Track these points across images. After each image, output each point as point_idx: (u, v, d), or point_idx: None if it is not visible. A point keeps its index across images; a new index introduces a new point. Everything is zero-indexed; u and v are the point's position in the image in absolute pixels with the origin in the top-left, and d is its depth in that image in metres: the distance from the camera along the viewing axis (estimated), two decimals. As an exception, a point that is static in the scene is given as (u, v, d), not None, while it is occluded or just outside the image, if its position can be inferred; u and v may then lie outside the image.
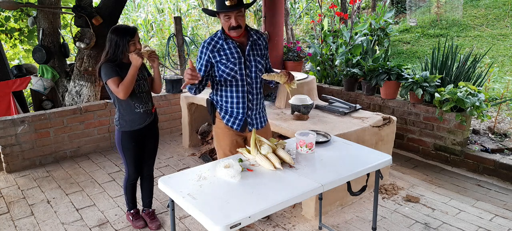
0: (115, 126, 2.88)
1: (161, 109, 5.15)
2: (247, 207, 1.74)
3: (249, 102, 2.60)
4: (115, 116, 2.87)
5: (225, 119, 2.63)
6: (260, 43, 2.60)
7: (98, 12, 5.03)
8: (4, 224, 3.14)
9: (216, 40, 2.51)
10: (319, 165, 2.23)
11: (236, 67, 2.49)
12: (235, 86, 2.54)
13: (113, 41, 2.68)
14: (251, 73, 2.55)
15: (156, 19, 11.27)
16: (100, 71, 2.71)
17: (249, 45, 2.53)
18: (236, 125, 2.62)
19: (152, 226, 3.03)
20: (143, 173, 3.06)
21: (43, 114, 4.31)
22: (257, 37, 2.59)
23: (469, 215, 3.10)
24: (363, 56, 5.37)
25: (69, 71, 5.93)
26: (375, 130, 3.41)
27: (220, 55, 2.49)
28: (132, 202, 3.08)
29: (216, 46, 2.50)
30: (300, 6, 11.62)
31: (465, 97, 3.74)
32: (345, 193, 2.73)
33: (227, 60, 2.48)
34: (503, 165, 3.69)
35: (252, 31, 2.58)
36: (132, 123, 2.81)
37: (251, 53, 2.54)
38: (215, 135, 2.76)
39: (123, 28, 2.73)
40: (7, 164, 4.15)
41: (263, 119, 2.75)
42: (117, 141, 2.87)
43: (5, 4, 5.28)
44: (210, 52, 2.49)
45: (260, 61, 2.58)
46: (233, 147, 2.63)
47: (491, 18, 8.63)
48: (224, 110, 2.62)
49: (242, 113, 2.60)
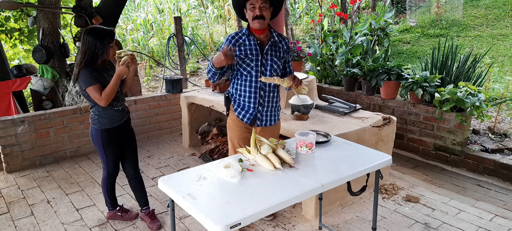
0: (92, 125, 2.84)
1: (161, 109, 5.15)
2: (247, 207, 1.74)
3: (261, 98, 2.71)
4: (91, 115, 2.84)
5: (237, 111, 2.75)
6: (280, 46, 2.72)
7: (98, 12, 5.03)
8: (4, 224, 3.14)
9: (240, 35, 2.65)
10: (319, 165, 2.23)
11: (253, 64, 2.62)
12: (249, 81, 2.66)
13: (92, 44, 2.65)
14: (266, 71, 2.66)
15: (156, 19, 11.26)
16: (78, 77, 2.67)
17: (269, 45, 2.65)
18: (246, 118, 2.73)
19: (152, 226, 3.03)
20: (131, 174, 3.05)
21: (43, 114, 4.31)
22: (278, 40, 2.72)
23: (469, 215, 3.10)
24: (363, 56, 5.37)
25: (69, 71, 5.93)
26: (375, 130, 3.41)
27: (240, 50, 2.62)
28: (113, 200, 3.10)
29: (238, 41, 2.63)
30: (300, 6, 11.62)
31: (465, 97, 3.74)
32: (345, 193, 2.73)
33: (245, 56, 2.61)
34: (503, 165, 3.69)
35: (275, 33, 2.71)
36: (112, 120, 2.83)
37: (269, 53, 2.65)
38: (227, 126, 2.88)
39: (102, 30, 2.70)
40: (7, 164, 4.15)
41: (274, 117, 2.84)
42: (96, 140, 2.86)
43: (5, 4, 5.28)
44: (233, 45, 2.62)
45: (276, 61, 2.68)
46: (242, 140, 2.77)
47: (491, 18, 8.62)
48: (237, 103, 2.75)
49: (253, 108, 2.72)
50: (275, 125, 2.86)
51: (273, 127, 2.85)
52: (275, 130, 2.89)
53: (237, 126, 2.78)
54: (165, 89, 5.27)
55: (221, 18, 11.75)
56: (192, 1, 12.07)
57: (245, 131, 2.77)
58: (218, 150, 4.36)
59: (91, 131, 2.88)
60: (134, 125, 3.23)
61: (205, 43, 10.35)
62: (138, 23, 11.21)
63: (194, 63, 9.58)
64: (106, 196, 3.07)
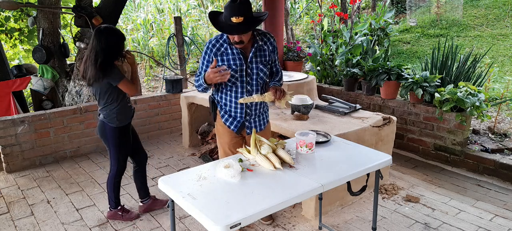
0: (107, 124, 2.87)
1: (161, 109, 5.15)
2: (247, 207, 1.74)
3: (247, 108, 2.61)
4: (105, 113, 2.86)
5: (224, 118, 2.67)
6: (265, 48, 2.55)
7: (98, 12, 5.03)
8: (4, 224, 3.14)
9: (221, 42, 2.49)
10: (319, 165, 2.23)
11: (237, 74, 2.49)
12: (234, 91, 2.56)
13: (115, 43, 2.74)
14: (252, 80, 2.55)
15: (156, 19, 11.26)
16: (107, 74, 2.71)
17: (253, 52, 2.50)
18: (233, 126, 2.65)
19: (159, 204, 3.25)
20: (141, 160, 3.18)
21: (43, 114, 4.31)
22: (263, 42, 2.54)
23: (469, 215, 3.10)
24: (363, 56, 5.37)
25: (69, 71, 5.94)
26: (375, 130, 3.41)
27: (222, 60, 2.48)
28: (117, 198, 3.13)
29: (220, 50, 2.48)
30: (300, 6, 11.62)
31: (465, 97, 3.74)
32: (345, 193, 2.73)
33: (229, 67, 2.46)
34: (503, 165, 3.69)
35: (258, 36, 2.52)
36: (127, 116, 2.95)
37: (253, 60, 2.51)
38: (216, 132, 2.81)
39: (120, 31, 2.84)
40: (7, 164, 4.15)
41: (263, 121, 2.75)
42: (111, 138, 2.91)
43: (5, 4, 5.28)
44: (214, 54, 2.49)
45: (262, 68, 2.55)
46: (232, 145, 2.69)
47: (491, 18, 8.62)
48: (224, 110, 2.66)
49: (240, 116, 2.63)
50: (265, 129, 2.76)
51: (263, 132, 2.74)
52: (266, 133, 2.77)
53: (226, 131, 2.67)
54: (165, 89, 5.27)
55: (221, 18, 11.72)
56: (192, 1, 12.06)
57: (235, 137, 2.68)
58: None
59: (103, 130, 2.91)
60: (134, 125, 3.25)
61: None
62: (138, 23, 11.21)
63: (194, 63, 9.58)
64: (112, 194, 3.09)
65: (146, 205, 3.23)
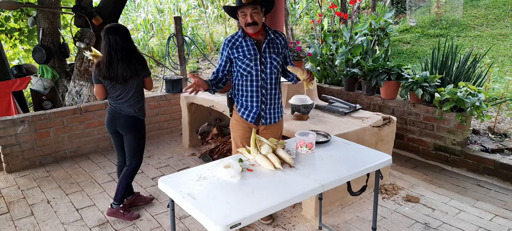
0: (138, 118, 3.00)
1: (161, 109, 5.15)
2: (247, 207, 1.74)
3: (263, 97, 2.73)
4: (138, 107, 2.98)
5: (241, 112, 2.79)
6: (278, 42, 2.73)
7: (98, 12, 5.03)
8: (4, 224, 3.14)
9: (236, 38, 2.69)
10: (319, 165, 2.23)
11: (252, 63, 2.65)
12: (250, 81, 2.69)
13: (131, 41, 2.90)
14: (266, 69, 2.68)
15: (156, 19, 11.27)
16: (142, 68, 2.89)
17: (266, 43, 2.67)
18: (250, 118, 2.76)
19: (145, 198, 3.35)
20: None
21: (43, 114, 4.31)
22: (275, 37, 2.73)
23: (469, 215, 3.10)
24: (363, 56, 5.37)
25: (69, 71, 5.94)
26: (375, 130, 3.41)
27: (238, 52, 2.66)
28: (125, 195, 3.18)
29: (235, 44, 2.67)
30: (300, 6, 11.62)
31: (465, 97, 3.74)
32: (345, 193, 2.73)
33: (244, 57, 2.64)
34: (503, 165, 3.69)
35: (270, 30, 2.73)
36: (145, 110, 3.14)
37: (267, 51, 2.67)
38: (231, 126, 2.92)
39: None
40: (7, 164, 4.15)
41: (278, 114, 2.86)
42: (138, 130, 3.01)
43: (5, 4, 5.28)
44: (230, 49, 2.67)
45: (276, 58, 2.71)
46: (245, 139, 2.79)
47: (491, 18, 8.63)
48: (240, 104, 2.78)
49: (256, 107, 2.74)
50: (278, 122, 2.88)
51: (277, 124, 2.87)
52: (279, 127, 2.91)
53: (240, 125, 2.81)
54: (165, 89, 5.27)
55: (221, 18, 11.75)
56: (192, 1, 12.07)
57: (248, 131, 2.78)
58: (218, 150, 4.36)
59: (133, 124, 2.98)
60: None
61: (205, 43, 10.35)
62: (138, 23, 11.22)
63: (194, 63, 9.58)
64: (123, 189, 3.10)
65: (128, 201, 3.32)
